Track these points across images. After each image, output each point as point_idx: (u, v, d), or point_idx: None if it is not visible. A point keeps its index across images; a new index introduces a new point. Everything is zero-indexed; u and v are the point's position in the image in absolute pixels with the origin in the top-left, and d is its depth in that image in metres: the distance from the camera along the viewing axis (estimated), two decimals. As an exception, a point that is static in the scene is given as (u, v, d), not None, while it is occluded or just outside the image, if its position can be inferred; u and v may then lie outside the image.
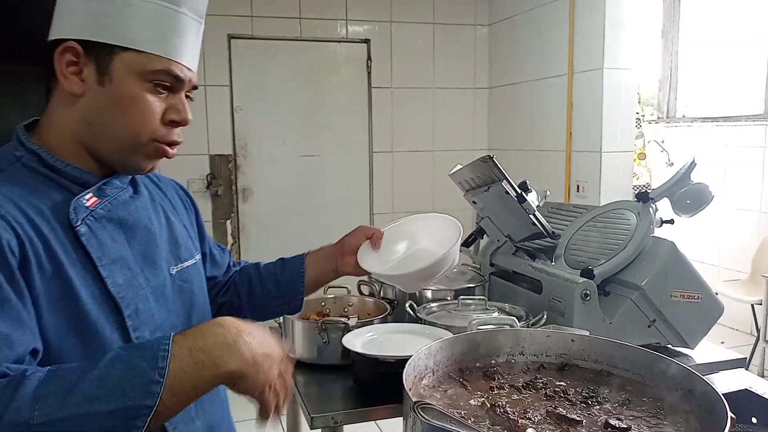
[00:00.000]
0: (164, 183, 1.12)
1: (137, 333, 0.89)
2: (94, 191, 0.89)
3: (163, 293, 0.96)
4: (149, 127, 0.88)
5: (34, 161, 0.87)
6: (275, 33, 4.14)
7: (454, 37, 4.54)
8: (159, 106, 0.88)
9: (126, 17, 0.84)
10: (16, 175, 0.85)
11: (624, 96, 3.47)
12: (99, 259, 0.85)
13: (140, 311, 0.90)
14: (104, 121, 0.87)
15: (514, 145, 4.33)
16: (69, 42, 0.85)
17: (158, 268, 0.96)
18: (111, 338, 0.85)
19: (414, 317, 1.60)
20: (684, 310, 1.54)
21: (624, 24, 3.42)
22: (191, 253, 1.07)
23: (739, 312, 3.72)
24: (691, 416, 0.89)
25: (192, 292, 1.04)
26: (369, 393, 1.36)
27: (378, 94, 4.41)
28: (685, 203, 1.60)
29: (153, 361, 0.70)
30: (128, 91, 0.86)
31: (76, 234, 0.84)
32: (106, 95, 0.86)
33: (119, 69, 0.85)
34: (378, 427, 2.92)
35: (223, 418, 1.09)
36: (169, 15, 0.86)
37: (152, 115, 0.88)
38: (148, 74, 0.86)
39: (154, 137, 0.89)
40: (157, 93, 0.88)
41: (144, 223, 0.96)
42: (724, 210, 4.14)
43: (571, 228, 1.77)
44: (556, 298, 1.58)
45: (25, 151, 0.87)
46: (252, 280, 1.26)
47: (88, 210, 0.86)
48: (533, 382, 1.01)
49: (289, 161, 4.27)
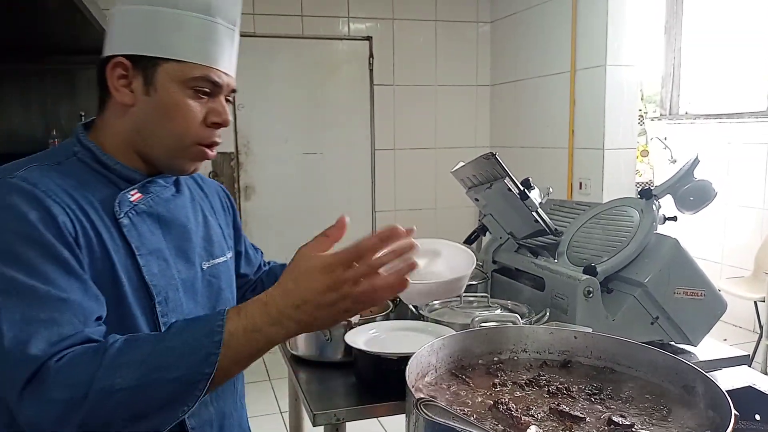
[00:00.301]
0: (207, 185, 1.22)
1: (164, 319, 0.96)
2: (138, 188, 0.98)
3: (193, 285, 1.04)
4: (192, 130, 0.96)
5: (89, 157, 0.96)
6: (277, 31, 4.13)
7: (457, 34, 4.53)
8: (200, 110, 0.96)
9: (166, 31, 0.92)
10: (71, 168, 0.94)
11: (627, 93, 3.47)
12: (138, 249, 0.94)
13: (170, 300, 0.98)
14: (152, 128, 0.96)
15: (517, 143, 4.32)
16: (118, 57, 0.93)
17: (190, 262, 1.04)
18: (141, 320, 0.94)
19: (416, 314, 1.59)
20: (687, 307, 1.54)
21: (626, 20, 3.41)
22: (223, 251, 1.15)
23: (742, 309, 3.72)
24: (695, 413, 0.89)
25: (220, 287, 1.11)
26: (371, 390, 1.36)
27: (380, 92, 4.41)
28: (689, 200, 1.59)
29: (210, 335, 0.78)
30: (171, 99, 0.94)
31: (119, 225, 0.94)
32: (153, 104, 0.94)
33: (162, 79, 0.93)
34: (380, 424, 2.92)
35: (235, 408, 1.15)
36: (204, 25, 0.94)
37: (194, 119, 0.96)
38: (189, 81, 0.94)
39: (196, 140, 0.97)
40: (198, 98, 0.96)
41: (181, 220, 1.05)
42: (727, 207, 4.13)
43: (574, 225, 1.77)
44: (559, 296, 1.58)
45: (81, 148, 0.97)
46: (278, 277, 1.28)
47: (131, 204, 0.96)
48: (536, 379, 1.01)
49: (291, 159, 4.28)
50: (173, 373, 0.76)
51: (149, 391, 0.76)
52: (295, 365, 1.54)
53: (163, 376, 0.76)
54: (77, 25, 2.25)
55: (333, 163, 4.37)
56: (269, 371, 3.83)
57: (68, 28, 2.53)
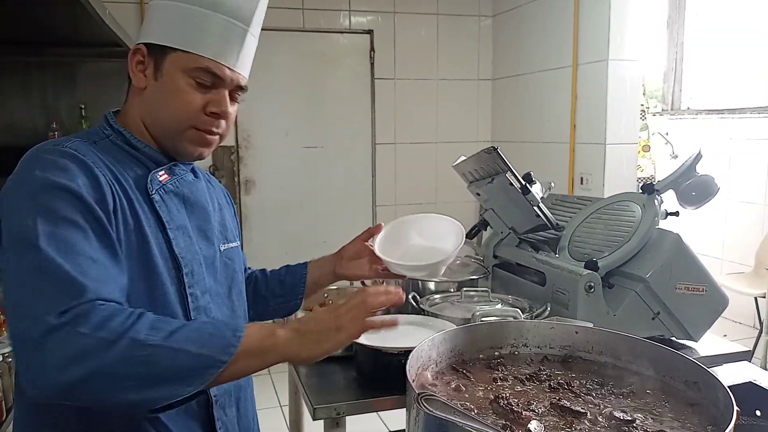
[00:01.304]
0: (214, 183, 1.28)
1: (191, 290, 1.03)
2: (165, 169, 1.06)
3: (213, 263, 1.11)
4: (188, 115, 1.02)
5: (119, 140, 1.04)
6: (278, 24, 4.12)
7: (458, 28, 4.51)
8: (200, 98, 1.01)
9: (177, 24, 1.00)
10: (106, 147, 1.02)
11: (629, 88, 3.45)
12: (168, 223, 1.01)
13: (195, 273, 1.04)
14: (156, 110, 1.03)
15: (518, 137, 4.31)
16: (138, 45, 1.03)
17: (210, 241, 1.11)
18: (170, 290, 1.00)
19: (417, 309, 1.59)
20: (688, 302, 1.54)
21: (629, 15, 3.39)
22: (235, 237, 1.22)
23: (742, 305, 3.71)
24: (696, 408, 0.89)
25: (234, 270, 1.18)
26: (372, 384, 1.36)
27: (381, 86, 4.39)
28: (691, 195, 1.59)
29: (234, 331, 0.87)
30: (174, 84, 1.01)
31: (152, 201, 1.01)
32: (159, 88, 1.02)
33: (169, 66, 1.01)
34: (380, 418, 2.93)
35: (248, 383, 1.21)
36: (212, 21, 1.00)
37: (191, 105, 1.01)
38: (191, 71, 1.00)
39: (193, 125, 1.03)
40: (200, 88, 1.01)
41: (202, 202, 1.12)
42: (728, 203, 4.12)
43: (576, 220, 1.76)
44: (560, 290, 1.58)
45: (112, 131, 1.05)
46: (258, 281, 1.39)
47: (160, 183, 1.04)
48: (537, 374, 1.01)
49: (291, 153, 4.26)
50: (199, 349, 0.82)
51: (173, 357, 0.81)
52: (295, 359, 1.54)
53: (189, 348, 0.82)
54: (78, 17, 2.24)
55: (333, 157, 4.36)
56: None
57: (69, 20, 2.51)
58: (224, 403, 1.08)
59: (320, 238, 4.15)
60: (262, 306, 1.36)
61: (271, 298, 1.37)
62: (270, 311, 1.38)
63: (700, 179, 1.58)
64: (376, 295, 0.94)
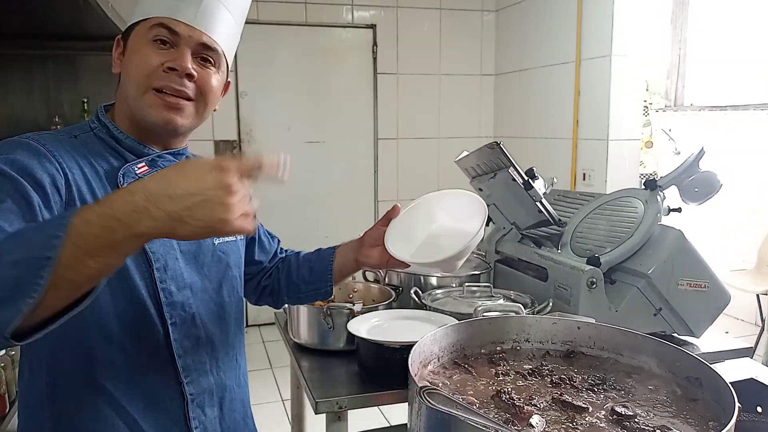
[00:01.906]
0: None
1: (163, 285, 1.01)
2: (147, 161, 1.04)
3: (196, 258, 1.08)
4: (144, 72, 0.99)
5: (103, 132, 1.04)
6: (281, 18, 4.11)
7: (461, 22, 4.50)
8: (156, 56, 0.99)
9: (141, 1, 1.02)
10: (86, 140, 1.02)
11: (631, 84, 3.45)
12: None
13: (168, 267, 1.02)
14: (124, 84, 1.02)
15: (521, 133, 4.31)
16: (117, 37, 1.06)
17: None
18: (139, 284, 0.98)
19: (419, 304, 1.59)
20: (690, 298, 1.54)
21: (632, 11, 3.38)
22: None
23: (745, 302, 3.71)
24: (698, 404, 0.89)
25: (228, 264, 1.15)
26: (374, 378, 1.36)
27: (384, 80, 4.39)
28: (694, 191, 1.58)
29: (59, 220, 0.70)
30: (132, 50, 1.01)
31: None
32: (125, 63, 1.02)
33: (132, 40, 1.02)
34: (382, 412, 2.94)
35: (238, 384, 1.17)
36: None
37: (147, 62, 0.99)
38: (147, 33, 1.00)
39: (151, 84, 0.99)
40: (157, 47, 1.00)
41: None
42: (730, 199, 4.12)
43: (578, 216, 1.76)
44: (562, 286, 1.58)
45: (98, 124, 1.05)
46: (291, 266, 1.34)
47: (136, 176, 1.01)
48: (539, 369, 1.01)
49: (294, 147, 4.26)
50: (13, 256, 0.68)
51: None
52: (297, 353, 1.54)
53: (3, 260, 0.68)
54: (80, 9, 2.23)
55: (336, 152, 4.36)
56: (271, 359, 3.84)
57: (71, 13, 2.51)
58: (203, 402, 1.07)
59: (322, 233, 4.15)
60: (295, 292, 1.32)
61: (302, 285, 1.31)
62: (303, 297, 1.33)
63: (703, 175, 1.57)
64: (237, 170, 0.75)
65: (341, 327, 1.48)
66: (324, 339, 1.53)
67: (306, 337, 1.55)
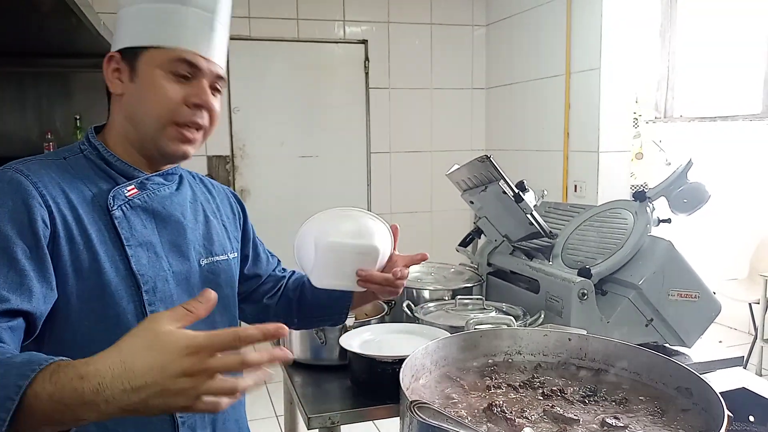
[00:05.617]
0: (217, 189, 1.25)
1: (152, 308, 0.99)
2: (136, 184, 1.04)
3: (187, 279, 1.07)
4: (168, 108, 0.99)
5: (94, 154, 1.03)
6: (273, 34, 4.13)
7: (452, 37, 4.54)
8: (178, 91, 1.00)
9: (146, 23, 1.00)
10: (75, 163, 1.01)
11: (621, 96, 3.48)
12: (127, 240, 0.99)
13: (158, 290, 1.01)
14: (136, 111, 1.01)
15: (512, 145, 4.33)
16: (111, 53, 1.03)
17: (184, 256, 1.07)
18: (127, 308, 0.97)
19: (411, 317, 1.59)
20: (681, 309, 1.55)
21: (621, 24, 3.42)
22: (224, 250, 1.17)
23: (737, 311, 3.73)
24: (689, 415, 0.90)
25: (218, 284, 1.13)
26: (366, 393, 1.36)
27: (376, 95, 4.41)
28: (682, 202, 1.60)
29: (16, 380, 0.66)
30: (151, 81, 0.99)
31: (112, 217, 0.98)
32: (136, 89, 1.00)
33: (144, 65, 1.00)
34: (375, 426, 2.92)
35: (233, 406, 1.10)
36: (178, 13, 1.00)
37: (169, 98, 0.99)
38: (166, 65, 0.99)
39: (173, 119, 1.00)
40: (178, 81, 1.00)
41: (176, 216, 1.08)
42: (721, 209, 4.14)
43: (569, 227, 1.77)
44: (554, 298, 1.58)
45: (88, 145, 1.04)
46: (305, 286, 1.31)
47: (125, 199, 1.01)
48: (530, 381, 1.01)
49: (286, 162, 4.27)
50: None
51: None
52: (290, 368, 1.54)
53: None
54: (72, 27, 2.25)
55: (329, 166, 4.37)
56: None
57: (63, 31, 2.52)
58: (195, 424, 1.04)
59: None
60: (308, 315, 1.31)
61: (315, 308, 1.29)
62: (316, 320, 1.32)
63: (692, 186, 1.59)
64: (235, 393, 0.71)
65: (333, 342, 1.47)
66: (316, 354, 1.52)
67: (298, 352, 1.54)
